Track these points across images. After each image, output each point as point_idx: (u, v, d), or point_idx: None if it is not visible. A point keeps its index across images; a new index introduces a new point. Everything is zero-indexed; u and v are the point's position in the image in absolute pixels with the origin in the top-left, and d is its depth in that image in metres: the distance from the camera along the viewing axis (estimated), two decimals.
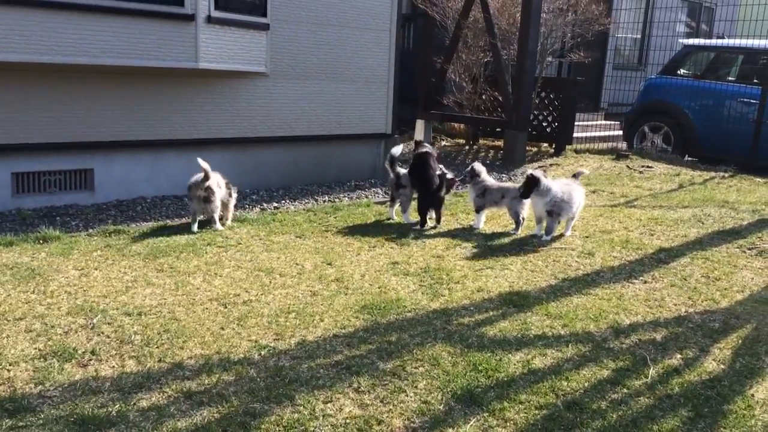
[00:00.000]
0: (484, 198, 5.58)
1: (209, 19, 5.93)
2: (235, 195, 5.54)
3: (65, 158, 5.77)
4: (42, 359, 2.97)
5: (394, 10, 7.71)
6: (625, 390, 2.99)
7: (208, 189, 5.13)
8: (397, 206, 5.89)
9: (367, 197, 6.95)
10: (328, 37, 7.18)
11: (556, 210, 5.20)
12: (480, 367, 3.09)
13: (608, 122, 12.24)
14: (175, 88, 6.21)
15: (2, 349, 3.04)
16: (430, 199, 5.57)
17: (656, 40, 12.69)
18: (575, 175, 5.65)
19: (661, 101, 10.37)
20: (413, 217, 5.71)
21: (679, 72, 10.55)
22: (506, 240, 5.28)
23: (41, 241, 4.67)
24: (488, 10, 9.25)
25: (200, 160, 5.08)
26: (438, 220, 5.67)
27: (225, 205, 5.40)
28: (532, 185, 5.17)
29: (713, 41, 11.66)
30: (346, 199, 6.80)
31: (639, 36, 15.20)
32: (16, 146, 5.47)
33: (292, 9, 6.81)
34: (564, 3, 9.81)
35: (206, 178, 5.08)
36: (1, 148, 5.41)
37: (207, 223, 5.28)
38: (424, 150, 5.77)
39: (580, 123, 10.65)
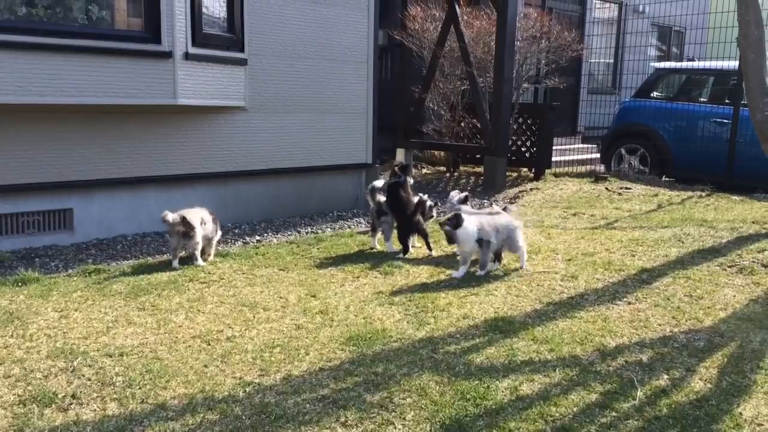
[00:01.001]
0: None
1: (187, 56, 5.95)
2: (219, 231, 5.52)
3: (43, 199, 5.72)
4: (21, 405, 2.90)
5: (371, 43, 7.80)
6: (613, 413, 2.99)
7: (188, 224, 5.10)
8: (379, 235, 5.90)
9: (349, 227, 6.94)
10: (306, 70, 7.24)
11: (485, 238, 4.93)
12: (468, 396, 3.07)
13: (585, 146, 12.41)
14: (153, 124, 6.20)
15: None
16: (408, 225, 5.59)
17: (629, 64, 13.00)
18: (505, 209, 5.55)
19: (636, 124, 10.55)
20: (396, 245, 5.71)
21: (652, 95, 10.76)
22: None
23: (20, 284, 4.59)
24: (463, 40, 9.41)
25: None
26: (429, 248, 5.67)
27: (209, 240, 5.36)
28: (458, 220, 4.91)
29: (684, 64, 11.94)
30: (329, 229, 6.79)
31: (612, 60, 15.53)
32: None
33: (269, 43, 6.87)
34: (537, 30, 10.01)
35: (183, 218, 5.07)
36: None
37: (189, 259, 5.24)
38: (395, 180, 5.78)
39: (558, 147, 10.79)
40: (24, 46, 5.14)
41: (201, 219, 5.24)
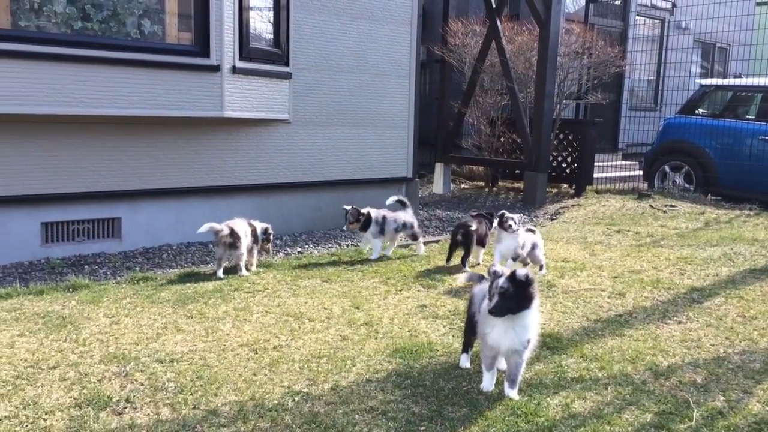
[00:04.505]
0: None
1: (234, 70, 6.06)
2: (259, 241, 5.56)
3: (93, 207, 5.85)
4: (77, 408, 2.95)
5: (413, 57, 7.85)
6: None
7: (235, 235, 5.16)
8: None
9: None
10: (348, 84, 7.31)
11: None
12: (519, 412, 3.02)
13: (627, 162, 12.24)
14: (200, 136, 6.31)
15: (38, 398, 3.03)
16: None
17: (671, 81, 12.80)
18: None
19: (681, 141, 10.37)
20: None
21: (697, 111, 10.57)
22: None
23: (71, 290, 4.70)
24: (505, 55, 9.39)
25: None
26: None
27: (250, 251, 5.42)
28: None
29: (731, 80, 11.71)
30: None
31: (653, 77, 15.32)
32: (45, 196, 5.56)
33: (314, 57, 6.95)
34: (579, 46, 9.94)
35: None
36: (30, 198, 5.49)
37: (232, 270, 5.29)
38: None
39: (599, 164, 10.66)
40: (79, 59, 5.29)
41: (244, 231, 5.30)
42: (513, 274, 3.02)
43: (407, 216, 6.09)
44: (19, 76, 5.05)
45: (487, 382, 3.26)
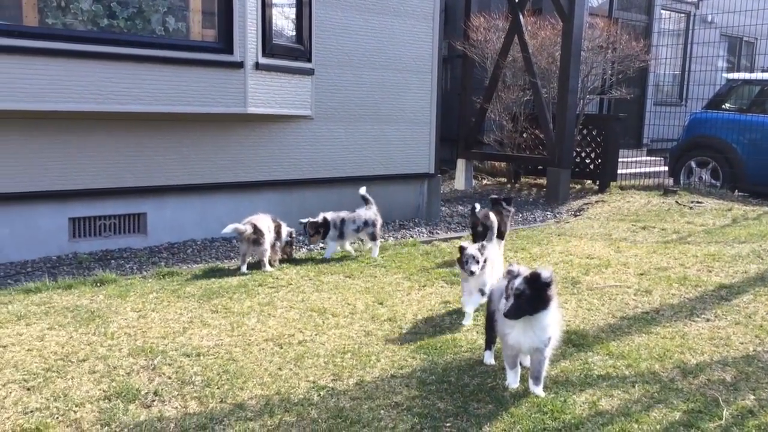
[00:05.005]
0: None
1: (257, 66, 6.09)
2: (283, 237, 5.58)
3: (119, 203, 5.92)
4: (107, 400, 2.99)
5: (435, 53, 7.82)
6: None
7: (258, 231, 5.19)
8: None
9: (412, 237, 6.93)
10: (370, 80, 7.30)
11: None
12: (545, 409, 3.00)
13: (651, 158, 12.08)
14: (223, 132, 6.35)
15: (68, 391, 3.07)
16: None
17: (696, 75, 12.58)
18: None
19: (708, 136, 10.22)
20: None
21: (723, 106, 10.40)
22: (558, 278, 5.18)
23: (98, 284, 4.76)
24: (527, 50, 9.32)
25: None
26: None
27: (273, 247, 5.44)
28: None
29: (758, 75, 11.50)
30: (392, 239, 6.79)
31: (678, 72, 15.10)
32: (72, 192, 5.64)
33: (336, 53, 6.96)
34: (603, 41, 9.83)
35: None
36: (59, 194, 5.57)
37: (256, 265, 5.32)
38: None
39: (623, 159, 10.54)
40: (105, 56, 5.35)
41: (267, 226, 5.32)
42: (531, 276, 2.95)
43: (369, 213, 5.84)
44: (47, 74, 5.11)
45: (512, 380, 3.24)
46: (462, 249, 4.09)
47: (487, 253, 4.12)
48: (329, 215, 5.78)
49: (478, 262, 4.01)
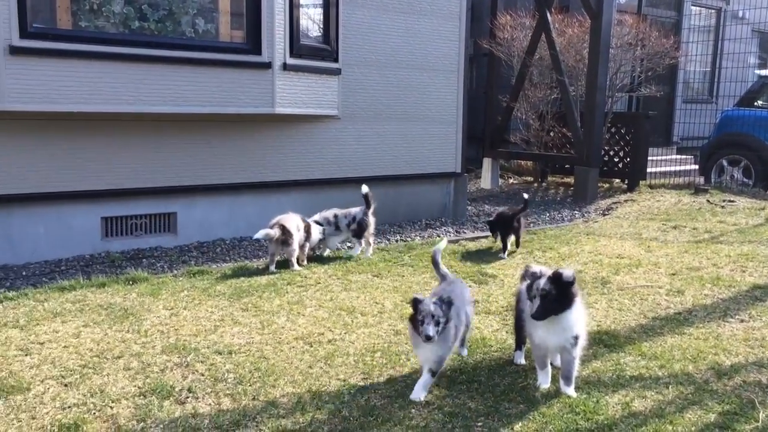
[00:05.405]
0: None
1: (285, 66, 6.13)
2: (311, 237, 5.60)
3: (150, 203, 6.00)
4: (142, 397, 3.04)
5: (462, 52, 7.79)
6: None
7: (287, 231, 5.22)
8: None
9: (438, 236, 6.92)
10: (397, 79, 7.31)
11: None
12: (577, 409, 2.98)
13: (681, 156, 11.90)
14: (251, 133, 6.41)
15: (104, 387, 3.13)
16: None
17: (727, 72, 12.38)
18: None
19: (739, 134, 10.03)
20: None
21: (756, 103, 10.21)
22: (587, 277, 5.14)
23: (131, 282, 4.84)
24: (555, 47, 9.25)
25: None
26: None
27: (302, 247, 5.47)
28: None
29: None
30: (418, 238, 6.79)
31: (709, 68, 14.86)
32: (105, 192, 5.73)
33: (362, 53, 6.97)
34: (632, 38, 9.71)
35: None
36: (92, 194, 5.67)
37: (284, 264, 5.36)
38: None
39: (652, 158, 10.40)
40: (136, 58, 5.43)
41: (296, 226, 5.36)
42: (556, 276, 2.96)
43: (356, 211, 5.86)
44: (79, 76, 5.20)
45: (542, 379, 3.22)
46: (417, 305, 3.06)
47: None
48: (319, 215, 5.83)
49: (433, 331, 2.97)
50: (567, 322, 3.04)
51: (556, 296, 2.96)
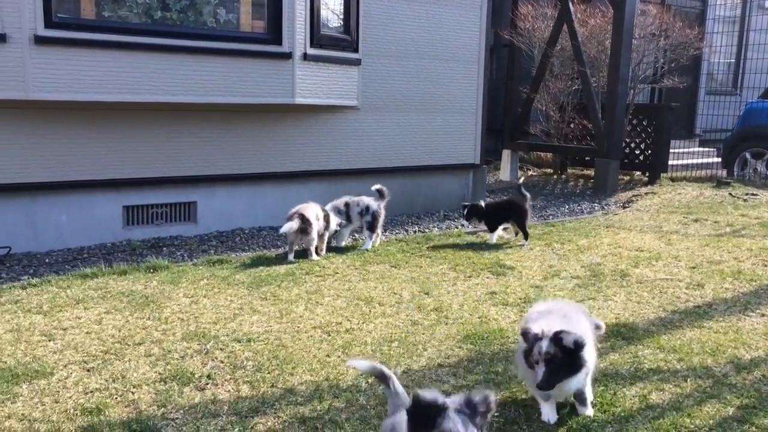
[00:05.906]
0: None
1: (305, 57, 6.14)
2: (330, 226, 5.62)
3: (171, 192, 6.07)
4: (162, 383, 3.10)
5: (482, 42, 7.75)
6: (753, 429, 2.80)
7: (306, 221, 5.25)
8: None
9: (456, 227, 6.92)
10: (417, 70, 7.29)
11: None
12: (594, 401, 2.97)
13: (704, 149, 11.74)
14: (270, 123, 6.44)
15: (126, 372, 3.19)
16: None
17: (752, 63, 12.17)
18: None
19: (764, 126, 9.87)
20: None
21: None
22: (606, 270, 5.11)
23: (151, 270, 4.90)
24: (576, 38, 9.15)
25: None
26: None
27: (320, 236, 5.50)
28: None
29: None
30: (436, 229, 6.79)
31: (733, 60, 14.61)
32: (127, 181, 5.81)
33: (382, 44, 6.96)
34: (656, 28, 9.58)
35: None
36: (114, 182, 5.75)
37: (303, 253, 5.40)
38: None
39: (674, 150, 10.27)
40: (158, 47, 5.48)
41: (315, 215, 5.39)
42: (558, 340, 2.57)
43: (370, 201, 5.83)
44: (102, 65, 5.26)
45: (548, 414, 2.82)
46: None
47: None
48: (331, 204, 5.81)
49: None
50: (576, 379, 2.70)
51: (563, 361, 2.57)
